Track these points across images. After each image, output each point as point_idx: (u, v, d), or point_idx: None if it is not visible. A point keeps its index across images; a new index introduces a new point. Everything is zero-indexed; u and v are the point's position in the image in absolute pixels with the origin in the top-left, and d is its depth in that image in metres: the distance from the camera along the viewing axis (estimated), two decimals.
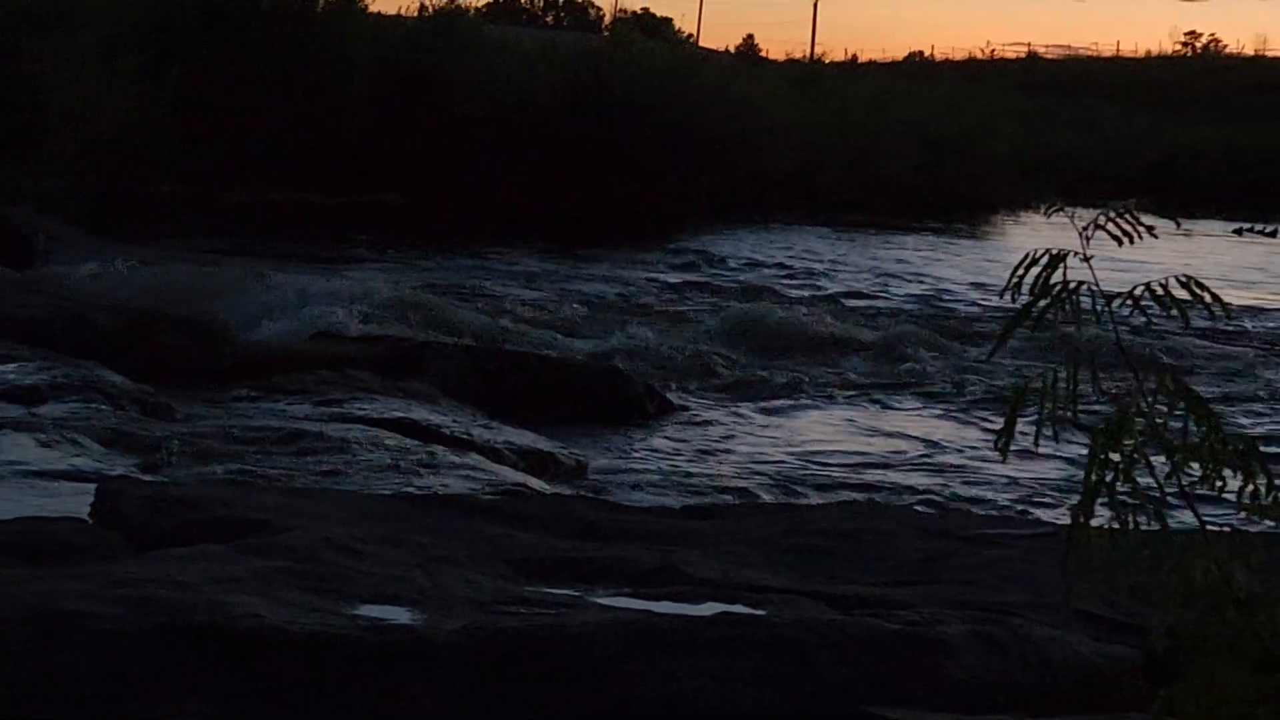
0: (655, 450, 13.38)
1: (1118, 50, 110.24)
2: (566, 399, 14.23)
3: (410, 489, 9.79)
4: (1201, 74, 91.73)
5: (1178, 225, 4.47)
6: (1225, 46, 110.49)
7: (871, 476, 12.70)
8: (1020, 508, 11.69)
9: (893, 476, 12.74)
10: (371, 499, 8.58)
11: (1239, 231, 44.29)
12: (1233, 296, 23.78)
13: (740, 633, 5.53)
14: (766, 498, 11.54)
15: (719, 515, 8.54)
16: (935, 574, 6.98)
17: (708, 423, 14.59)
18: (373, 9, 38.88)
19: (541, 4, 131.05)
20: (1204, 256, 35.26)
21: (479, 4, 42.20)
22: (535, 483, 10.92)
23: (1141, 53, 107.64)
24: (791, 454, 13.46)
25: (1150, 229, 3.54)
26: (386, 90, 35.05)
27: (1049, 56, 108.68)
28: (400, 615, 5.70)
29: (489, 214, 33.05)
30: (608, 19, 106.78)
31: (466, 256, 27.41)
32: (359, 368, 14.09)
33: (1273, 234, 43.97)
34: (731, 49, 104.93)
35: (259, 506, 7.43)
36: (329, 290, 19.23)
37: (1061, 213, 3.69)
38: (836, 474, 12.74)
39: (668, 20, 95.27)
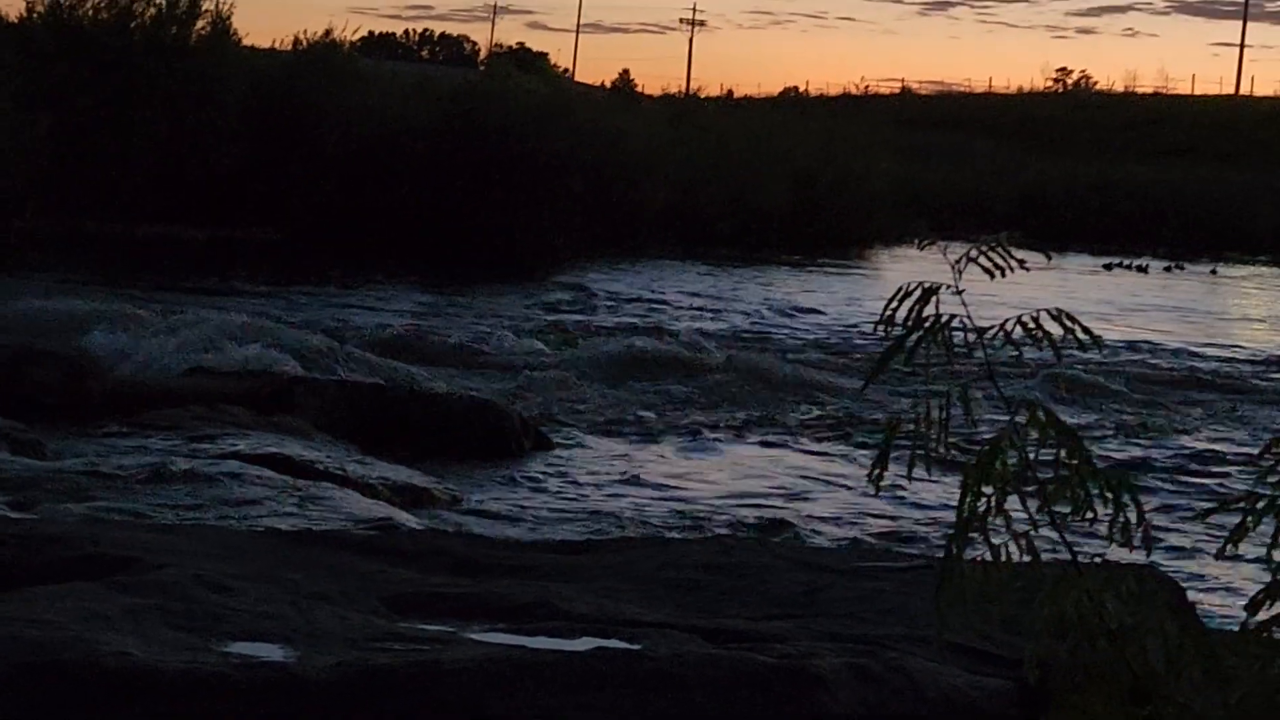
0: (531, 485, 13.34)
1: (990, 86, 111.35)
2: (442, 434, 14.17)
3: (283, 525, 9.70)
4: (1073, 110, 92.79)
5: (1048, 259, 4.51)
6: (1096, 83, 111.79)
7: (747, 510, 12.72)
8: (896, 540, 11.73)
9: (769, 509, 12.76)
10: (244, 535, 8.48)
11: (1109, 267, 44.78)
12: (1105, 329, 24.00)
13: (616, 667, 5.50)
14: (642, 532, 11.52)
15: (594, 550, 8.50)
16: (811, 607, 6.98)
17: (583, 457, 14.57)
18: (246, 42, 38.66)
19: (417, 38, 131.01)
20: (1077, 291, 35.62)
21: (353, 38, 41.96)
22: (410, 518, 10.86)
23: (1014, 89, 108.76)
24: (667, 488, 13.46)
25: (1022, 262, 3.56)
26: (261, 123, 34.86)
27: (922, 92, 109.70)
28: (273, 652, 5.63)
29: (365, 248, 32.91)
30: (484, 54, 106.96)
31: (342, 291, 27.27)
32: (232, 403, 13.97)
33: (1143, 269, 44.48)
34: (607, 84, 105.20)
35: (130, 543, 7.32)
36: (202, 325, 19.05)
37: (935, 246, 3.70)
38: (712, 507, 12.74)
39: (543, 55, 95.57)
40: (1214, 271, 45.90)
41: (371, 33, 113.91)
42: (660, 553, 8.18)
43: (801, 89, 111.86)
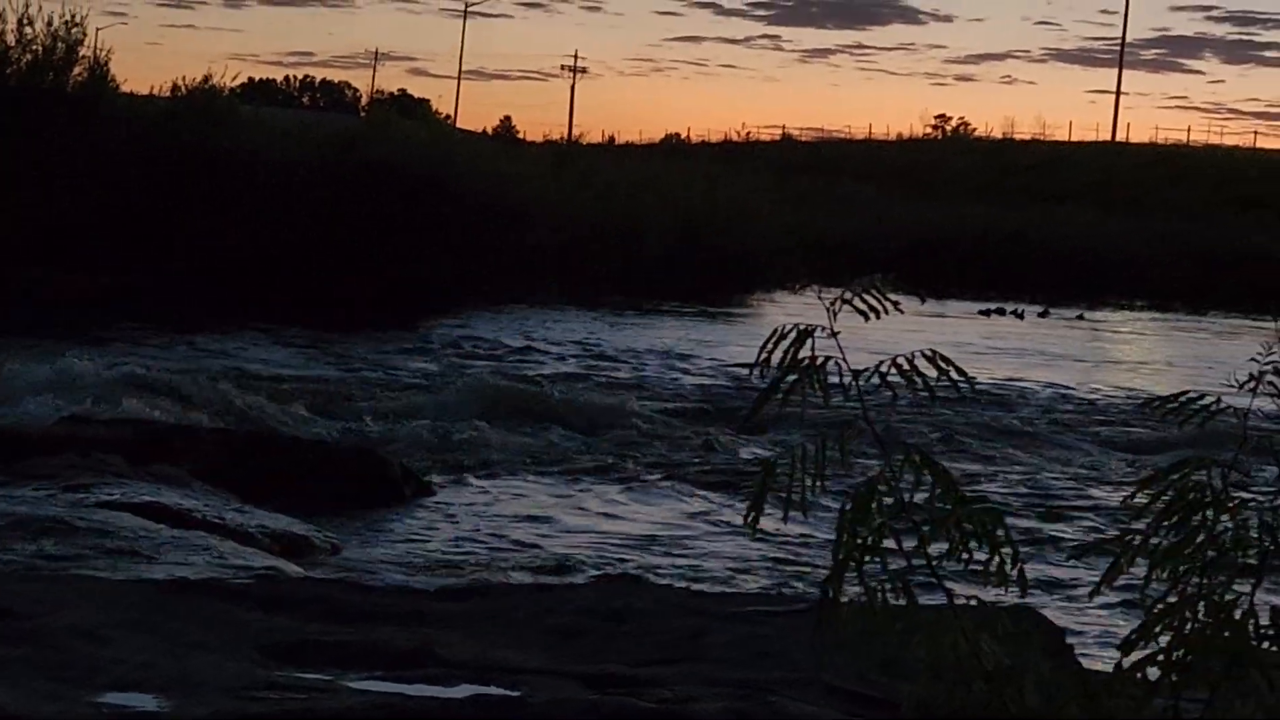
0: (412, 531, 13.26)
1: (870, 133, 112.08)
2: (321, 481, 14.04)
3: (160, 574, 9.59)
4: (952, 156, 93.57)
5: (923, 301, 4.53)
6: (975, 130, 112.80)
7: (629, 555, 12.70)
8: (776, 583, 11.74)
9: (650, 555, 12.75)
10: (119, 585, 8.38)
11: (986, 313, 45.10)
12: (975, 373, 24.23)
13: (493, 715, 5.47)
14: (524, 578, 11.48)
15: (475, 596, 8.46)
16: (693, 652, 6.97)
17: (466, 503, 14.50)
18: (125, 89, 38.36)
19: (298, 85, 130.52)
20: (945, 335, 35.86)
21: (233, 84, 41.68)
22: (288, 566, 10.76)
23: (893, 135, 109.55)
24: (550, 534, 13.41)
25: (896, 304, 3.57)
26: (140, 170, 34.57)
27: (803, 139, 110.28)
28: (146, 702, 5.56)
29: (247, 295, 32.67)
30: (365, 100, 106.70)
31: (222, 337, 27.05)
32: (108, 451, 13.78)
33: (1019, 315, 44.81)
34: (490, 130, 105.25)
35: (1, 594, 7.22)
36: (79, 372, 18.84)
37: (810, 290, 3.71)
38: (593, 552, 12.71)
39: (425, 102, 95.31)
40: (1080, 317, 46.28)
41: (252, 79, 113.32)
42: (541, 598, 8.16)
43: (683, 135, 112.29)
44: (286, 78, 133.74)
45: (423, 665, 6.38)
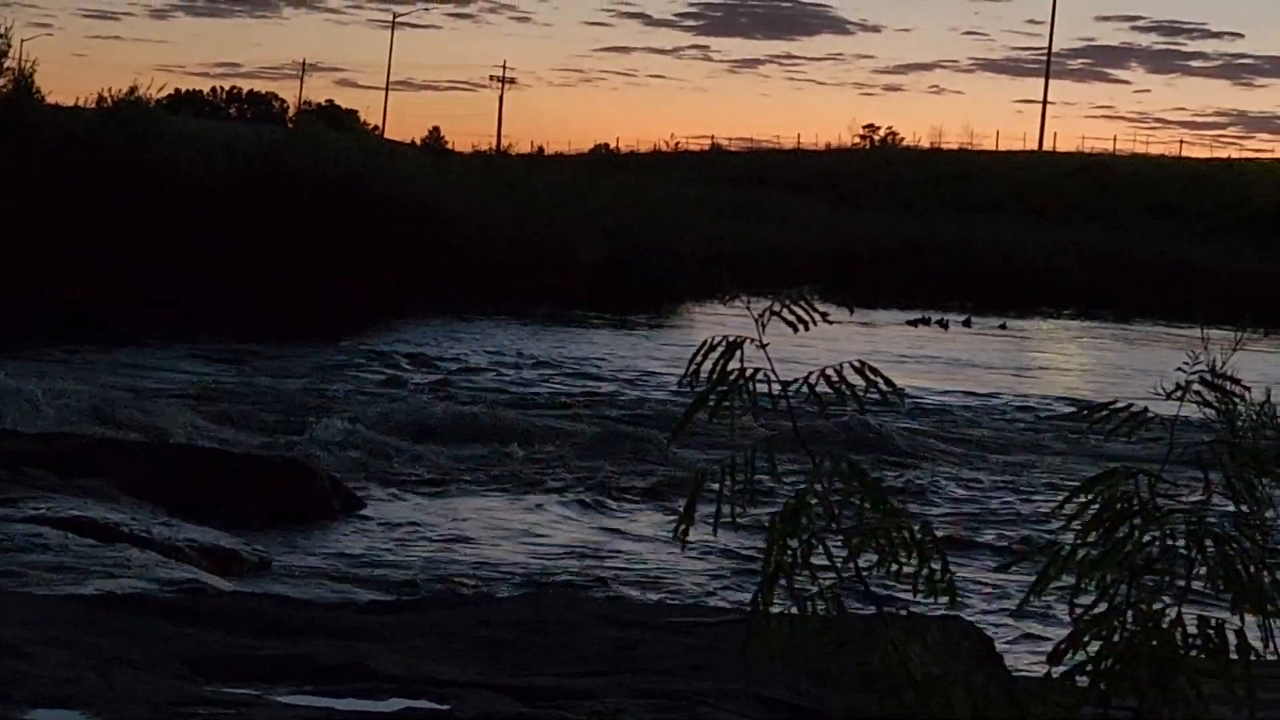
0: (341, 545, 13.21)
1: (799, 143, 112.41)
2: (251, 495, 13.97)
3: (87, 589, 9.52)
4: (881, 166, 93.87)
5: (851, 311, 4.53)
6: (903, 139, 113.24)
7: (559, 567, 12.68)
8: (706, 594, 11.75)
9: (580, 567, 12.73)
10: (45, 600, 8.32)
11: (914, 322, 45.18)
12: (908, 383, 24.32)
13: None
14: (453, 590, 11.45)
15: (405, 609, 8.43)
16: (624, 664, 6.95)
17: (395, 517, 14.45)
18: (50, 100, 38.12)
19: (225, 96, 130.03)
20: (881, 344, 35.98)
21: (160, 95, 41.42)
22: (217, 580, 10.70)
23: (822, 145, 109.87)
24: (479, 547, 13.38)
25: (825, 315, 3.56)
26: (66, 182, 34.34)
27: (732, 149, 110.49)
28: (73, 719, 5.52)
29: (174, 307, 32.49)
30: (293, 111, 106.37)
31: (150, 351, 26.90)
32: (35, 466, 13.68)
33: (944, 324, 44.90)
34: (418, 141, 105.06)
35: None
36: (2, 386, 18.70)
37: (739, 301, 3.70)
38: (522, 565, 12.69)
39: (353, 113, 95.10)
40: (1003, 326, 46.43)
41: (178, 90, 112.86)
42: (471, 611, 8.14)
43: (612, 145, 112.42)
44: (213, 89, 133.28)
45: (352, 679, 6.35)
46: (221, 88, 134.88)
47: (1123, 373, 34.02)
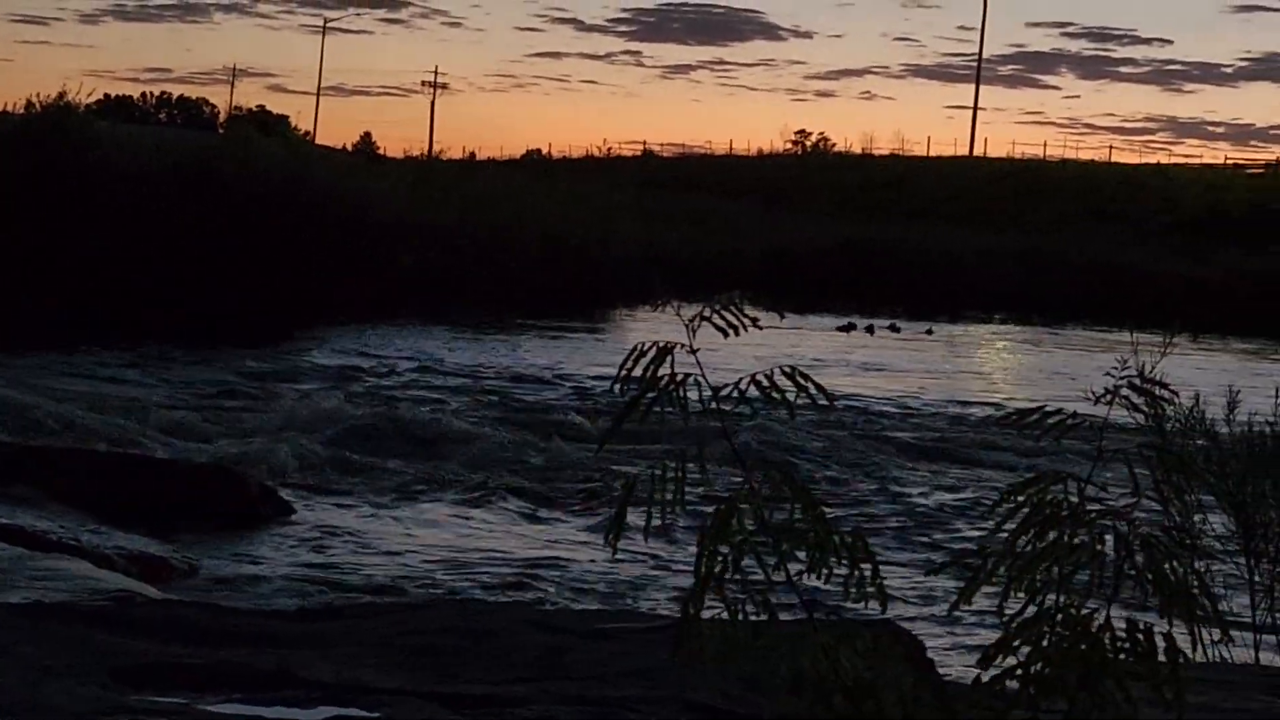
0: (271, 552, 13.15)
1: (731, 148, 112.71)
2: (179, 502, 13.90)
3: (13, 597, 9.44)
4: (813, 172, 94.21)
5: (782, 317, 4.53)
6: (834, 145, 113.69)
7: (488, 573, 12.65)
8: (636, 600, 11.74)
9: (510, 573, 12.70)
10: None
11: (843, 329, 45.22)
12: (837, 388, 24.38)
13: None
14: (382, 597, 11.40)
15: (334, 616, 8.39)
16: (554, 670, 6.93)
17: (325, 523, 14.39)
18: None
19: (155, 101, 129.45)
20: (807, 350, 36.04)
21: (90, 101, 41.21)
22: (145, 588, 10.62)
23: (754, 151, 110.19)
24: (409, 553, 13.34)
25: (755, 321, 3.56)
26: None
27: (665, 154, 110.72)
28: None
29: (102, 314, 32.29)
30: (223, 116, 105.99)
31: (78, 357, 26.72)
32: None
33: (870, 330, 44.93)
34: (349, 147, 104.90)
35: None
36: None
37: (671, 306, 3.70)
38: (453, 571, 12.66)
39: (284, 118, 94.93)
40: (929, 331, 46.56)
41: (108, 96, 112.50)
42: (400, 618, 8.10)
43: (545, 151, 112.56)
44: (143, 94, 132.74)
45: (281, 687, 6.31)
46: (151, 93, 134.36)
47: (1053, 377, 34.19)
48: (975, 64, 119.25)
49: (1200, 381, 11.50)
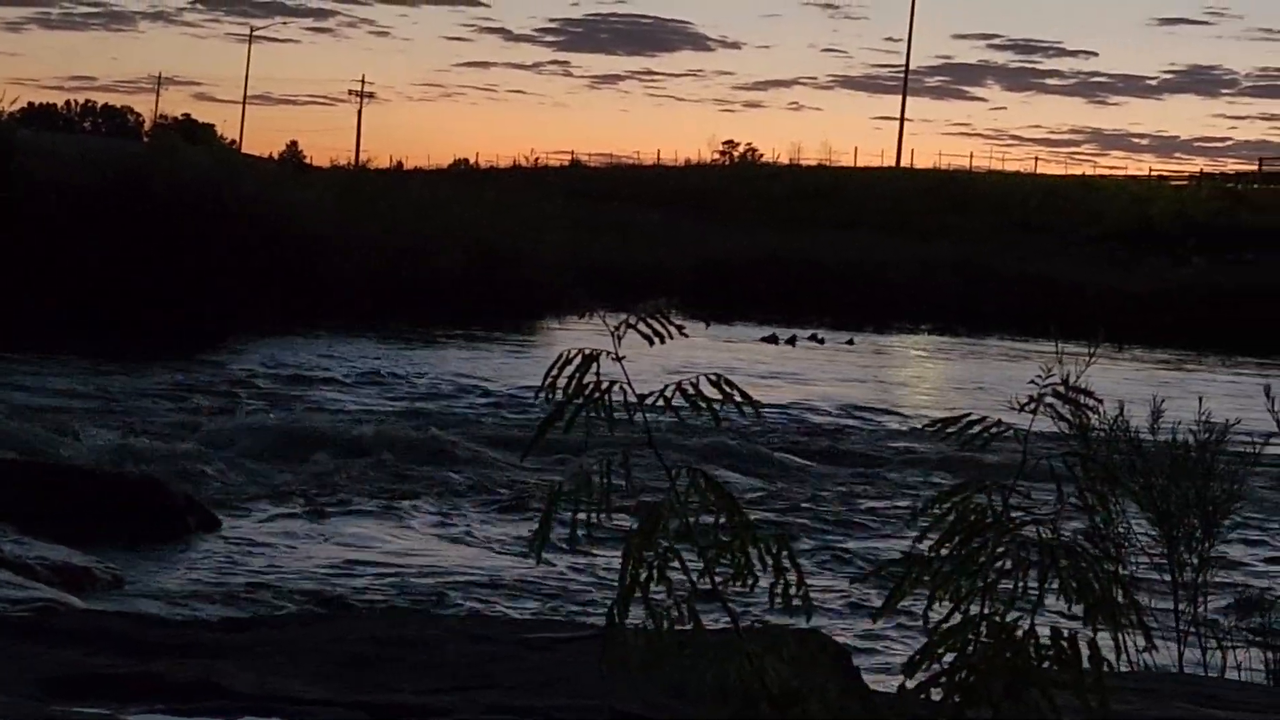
0: (196, 562, 13.08)
1: (659, 158, 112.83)
2: (103, 512, 13.80)
3: None
4: (740, 182, 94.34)
5: (707, 325, 4.53)
6: (762, 155, 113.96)
7: (416, 583, 12.61)
8: (563, 610, 11.72)
9: (436, 583, 12.67)
10: None
11: (766, 339, 45.17)
12: (762, 397, 24.41)
13: None
14: (309, 608, 11.36)
15: (260, 626, 8.35)
16: (480, 680, 6.92)
17: (250, 534, 14.33)
18: None
19: (79, 110, 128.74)
20: (736, 360, 36.11)
21: (13, 109, 40.94)
22: (69, 598, 10.55)
23: (682, 161, 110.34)
24: (335, 563, 13.29)
25: (681, 329, 3.56)
26: None
27: (592, 164, 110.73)
28: None
29: (26, 322, 32.07)
30: (148, 125, 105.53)
31: (1, 364, 26.52)
32: None
33: (791, 342, 44.84)
34: (276, 156, 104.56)
35: None
36: None
37: (598, 315, 3.70)
38: (379, 581, 12.62)
39: (210, 127, 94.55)
40: (850, 342, 46.59)
41: (31, 104, 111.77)
42: (327, 628, 8.07)
43: (472, 160, 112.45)
44: (68, 102, 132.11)
45: (205, 697, 6.28)
46: (76, 101, 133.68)
47: (977, 387, 34.35)
48: (902, 75, 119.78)
49: (1124, 391, 11.57)
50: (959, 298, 58.75)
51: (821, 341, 45.62)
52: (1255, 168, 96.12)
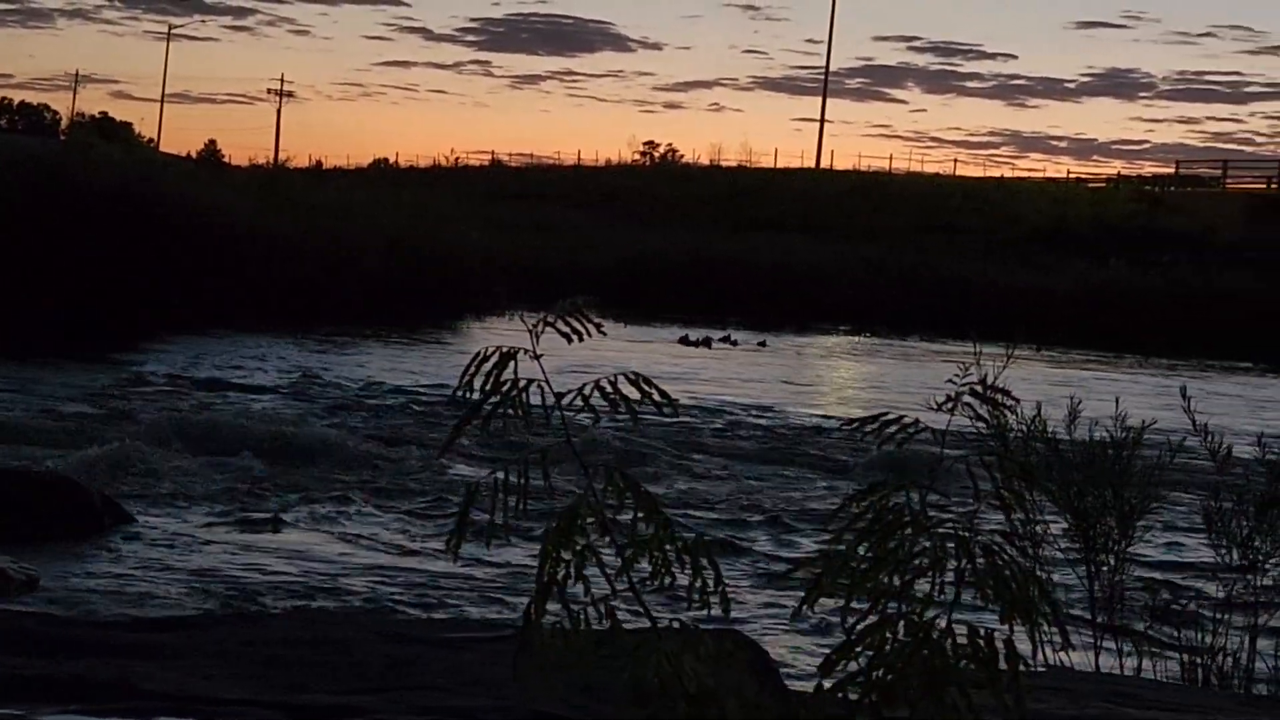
0: (112, 562, 12.98)
1: (579, 159, 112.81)
2: (17, 511, 13.66)
3: None
4: (661, 183, 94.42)
5: (625, 325, 4.53)
6: (682, 156, 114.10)
7: (333, 583, 12.56)
8: (482, 609, 11.69)
9: (354, 583, 12.62)
10: None
11: (682, 340, 45.05)
12: (680, 396, 24.45)
13: None
14: (226, 608, 11.29)
15: (177, 627, 8.29)
16: (399, 680, 6.90)
17: (166, 534, 14.23)
18: None
19: None
20: (652, 359, 36.14)
21: None
22: None
23: (602, 161, 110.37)
24: (252, 563, 13.22)
25: (600, 327, 3.56)
26: None
27: (513, 164, 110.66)
28: None
29: None
30: (65, 123, 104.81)
31: None
32: None
33: (706, 343, 44.74)
34: (194, 154, 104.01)
35: None
36: None
37: (517, 315, 3.70)
38: (298, 582, 12.55)
39: (127, 125, 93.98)
40: (763, 344, 46.58)
41: None
42: (245, 628, 8.03)
43: (392, 160, 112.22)
44: None
45: (120, 698, 6.24)
46: None
47: (894, 386, 34.48)
48: (823, 77, 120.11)
49: (1042, 392, 11.62)
50: (878, 299, 58.96)
51: (734, 343, 45.57)
52: (1172, 170, 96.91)
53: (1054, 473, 8.99)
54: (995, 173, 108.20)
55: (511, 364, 3.48)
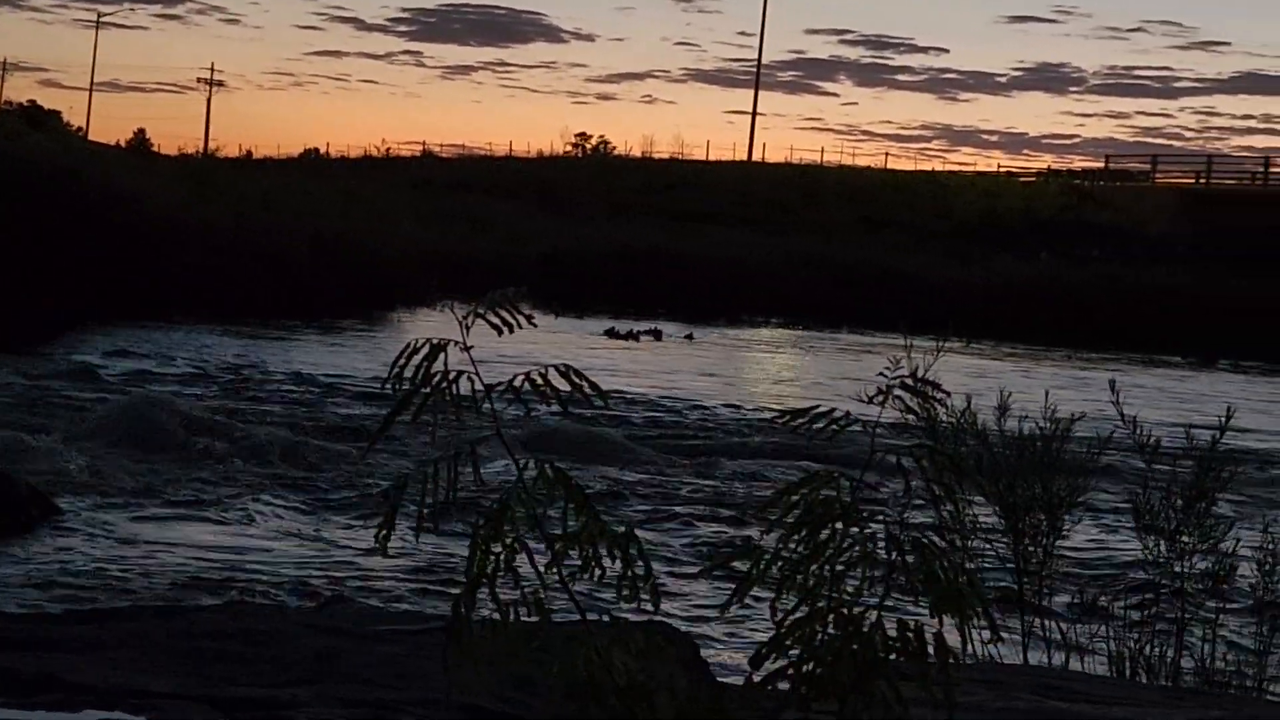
0: (38, 554, 12.89)
1: (511, 150, 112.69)
2: None
3: None
4: (593, 175, 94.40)
5: (556, 317, 4.52)
6: (615, 148, 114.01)
7: (264, 575, 12.51)
8: (412, 602, 11.66)
9: (283, 576, 12.57)
10: None
11: (608, 333, 44.87)
12: (612, 388, 24.50)
13: None
14: (154, 601, 11.23)
15: (103, 619, 8.23)
16: (328, 673, 6.86)
17: (95, 526, 14.14)
18: None
19: None
20: (580, 352, 36.15)
21: None
22: None
23: (534, 153, 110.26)
24: (181, 557, 13.14)
25: (530, 319, 3.55)
26: None
27: (444, 155, 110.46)
28: None
29: None
30: None
31: None
32: None
33: (634, 335, 44.63)
34: (123, 143, 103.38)
35: None
36: None
37: (446, 306, 3.69)
38: (227, 575, 12.49)
39: (56, 114, 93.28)
40: (689, 337, 46.45)
41: None
42: (171, 622, 7.97)
43: (322, 150, 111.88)
44: None
45: (47, 691, 6.19)
46: None
47: (824, 379, 34.58)
48: (755, 69, 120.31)
49: (972, 385, 11.67)
50: (810, 291, 59.05)
51: (659, 338, 45.36)
52: (1102, 165, 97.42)
53: (983, 465, 9.02)
54: (926, 166, 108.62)
55: (442, 356, 3.47)
